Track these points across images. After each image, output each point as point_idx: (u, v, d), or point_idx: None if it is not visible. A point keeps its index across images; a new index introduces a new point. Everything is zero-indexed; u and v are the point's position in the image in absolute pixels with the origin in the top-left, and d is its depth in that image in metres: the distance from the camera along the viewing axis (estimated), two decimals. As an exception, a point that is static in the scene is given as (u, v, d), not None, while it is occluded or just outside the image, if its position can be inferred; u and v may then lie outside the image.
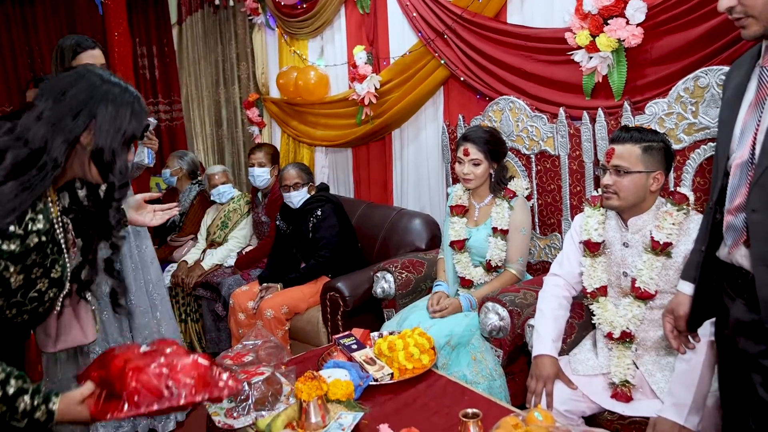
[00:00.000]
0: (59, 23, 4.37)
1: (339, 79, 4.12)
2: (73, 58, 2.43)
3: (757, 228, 1.30)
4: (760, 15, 1.28)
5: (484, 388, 2.20)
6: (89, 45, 2.46)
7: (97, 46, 2.49)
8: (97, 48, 2.48)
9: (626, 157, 1.89)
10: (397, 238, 3.33)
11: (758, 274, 1.31)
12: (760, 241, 1.30)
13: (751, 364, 1.39)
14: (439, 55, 3.17)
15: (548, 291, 2.15)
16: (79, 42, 2.46)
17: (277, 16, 4.47)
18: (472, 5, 2.94)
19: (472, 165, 2.54)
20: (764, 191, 1.28)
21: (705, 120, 2.14)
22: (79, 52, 2.43)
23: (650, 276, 1.90)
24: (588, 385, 1.97)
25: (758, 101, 1.34)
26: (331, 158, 4.47)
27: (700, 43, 2.18)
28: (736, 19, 1.33)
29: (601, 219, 2.07)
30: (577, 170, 2.61)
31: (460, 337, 2.37)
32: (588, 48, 2.42)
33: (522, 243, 2.56)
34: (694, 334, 1.67)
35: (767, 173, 1.27)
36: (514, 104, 2.79)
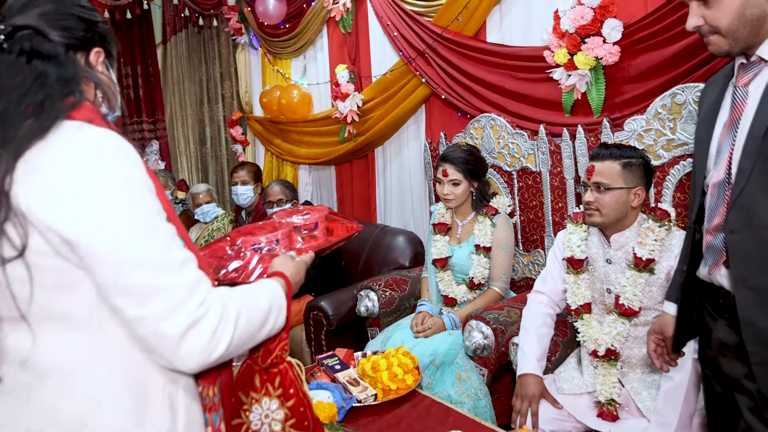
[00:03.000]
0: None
1: (322, 98, 4.13)
2: None
3: (736, 249, 1.29)
4: (726, 33, 1.29)
5: (469, 408, 2.18)
6: None
7: None
8: None
9: (606, 173, 1.90)
10: (381, 256, 3.31)
11: (739, 295, 1.30)
12: (739, 261, 1.29)
13: (736, 386, 1.38)
14: (421, 73, 3.19)
15: (532, 309, 2.14)
16: None
17: (260, 36, 4.49)
18: (452, 25, 2.97)
19: (451, 185, 2.54)
20: (742, 212, 1.27)
21: (683, 136, 2.16)
22: None
23: (634, 293, 1.89)
24: (573, 404, 1.95)
25: (732, 121, 1.34)
26: (314, 176, 4.47)
27: (676, 60, 2.20)
28: (704, 37, 1.34)
29: (584, 236, 2.07)
30: (558, 187, 2.62)
31: (444, 356, 2.35)
32: (566, 66, 2.45)
33: (505, 260, 2.55)
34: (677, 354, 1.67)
35: (744, 194, 1.27)
36: (495, 121, 2.81)
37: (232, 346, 0.95)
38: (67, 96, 0.88)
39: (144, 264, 0.87)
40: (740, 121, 1.31)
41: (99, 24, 1.00)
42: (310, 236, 1.35)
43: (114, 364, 0.92)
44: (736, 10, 1.26)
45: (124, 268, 0.86)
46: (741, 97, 1.33)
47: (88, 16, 0.98)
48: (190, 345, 0.89)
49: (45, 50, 0.90)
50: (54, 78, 0.88)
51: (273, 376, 1.22)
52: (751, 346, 1.27)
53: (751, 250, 1.26)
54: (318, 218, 1.39)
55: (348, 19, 3.68)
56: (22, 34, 0.90)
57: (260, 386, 1.22)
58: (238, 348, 0.98)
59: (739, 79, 1.35)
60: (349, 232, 1.46)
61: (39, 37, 0.91)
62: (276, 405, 1.21)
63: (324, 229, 1.40)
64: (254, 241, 1.31)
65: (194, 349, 0.90)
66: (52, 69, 0.88)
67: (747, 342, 1.28)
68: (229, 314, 0.95)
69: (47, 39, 0.91)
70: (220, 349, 0.92)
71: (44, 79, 0.87)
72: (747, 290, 1.28)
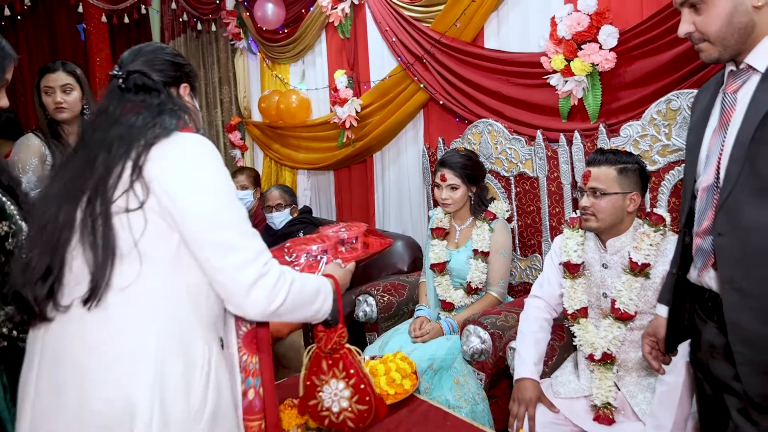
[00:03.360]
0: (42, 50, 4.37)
1: (320, 103, 4.15)
2: (38, 83, 2.50)
3: (724, 251, 1.32)
4: (714, 40, 1.33)
5: (467, 413, 2.19)
6: (51, 68, 2.50)
7: (61, 69, 2.49)
8: (60, 71, 2.49)
9: (602, 179, 1.92)
10: (379, 261, 3.32)
11: (726, 296, 1.32)
12: (726, 264, 1.32)
13: (725, 388, 1.40)
14: (419, 79, 3.21)
15: (529, 313, 2.16)
16: (44, 66, 2.52)
17: (258, 40, 4.51)
18: (450, 30, 2.99)
19: (450, 190, 2.56)
20: (729, 215, 1.30)
21: (678, 142, 2.18)
22: (41, 75, 2.49)
23: (629, 297, 1.91)
24: (570, 408, 1.97)
25: (721, 126, 1.37)
26: (313, 181, 4.48)
27: (671, 67, 2.22)
28: (695, 44, 1.38)
29: (580, 240, 2.08)
30: (555, 192, 2.63)
31: (442, 361, 2.36)
32: (563, 72, 2.47)
33: (503, 265, 2.57)
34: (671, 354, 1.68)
35: (732, 197, 1.29)
36: (493, 127, 2.82)
37: (287, 304, 1.24)
38: (178, 118, 1.25)
39: (231, 226, 1.20)
40: (728, 126, 1.34)
41: (185, 66, 1.40)
42: (352, 248, 1.63)
43: (173, 306, 1.20)
44: (725, 17, 1.29)
45: (216, 226, 1.18)
46: (730, 104, 1.36)
47: (177, 61, 1.38)
48: (257, 293, 1.19)
49: (149, 85, 1.30)
50: (168, 106, 1.27)
51: (336, 361, 1.53)
52: (737, 347, 1.30)
53: (738, 253, 1.29)
54: (358, 233, 1.68)
55: (346, 24, 3.70)
56: (133, 76, 1.30)
57: (327, 370, 1.54)
58: (291, 309, 1.27)
59: (728, 86, 1.38)
60: (383, 246, 1.76)
61: (145, 77, 1.30)
62: (342, 385, 1.53)
63: (362, 243, 1.67)
64: (307, 250, 1.58)
65: (259, 297, 1.20)
66: (163, 99, 1.28)
67: (733, 343, 1.31)
68: (286, 278, 1.25)
69: (150, 78, 1.30)
70: (277, 301, 1.22)
71: (162, 106, 1.26)
72: (733, 292, 1.30)
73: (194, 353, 1.20)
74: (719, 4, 1.30)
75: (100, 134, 1.23)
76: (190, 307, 1.21)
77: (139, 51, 1.36)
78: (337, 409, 1.54)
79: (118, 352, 1.15)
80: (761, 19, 1.29)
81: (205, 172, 1.21)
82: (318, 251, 1.57)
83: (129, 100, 1.27)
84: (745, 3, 1.28)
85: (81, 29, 4.44)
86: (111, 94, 1.30)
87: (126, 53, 1.36)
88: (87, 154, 1.21)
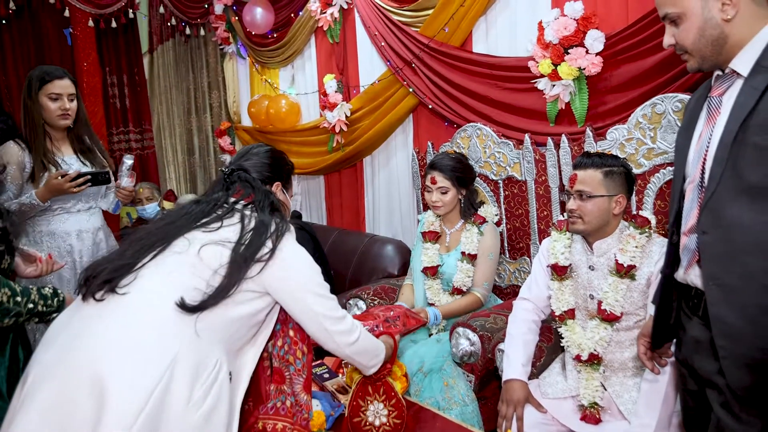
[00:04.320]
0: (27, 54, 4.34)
1: (310, 107, 4.16)
2: (41, 87, 2.44)
3: (707, 248, 1.36)
4: (692, 52, 1.42)
5: (457, 414, 2.20)
6: (57, 75, 2.47)
7: (67, 76, 2.49)
8: (66, 78, 2.49)
9: (588, 182, 1.94)
10: (370, 265, 3.33)
11: (709, 292, 1.36)
12: (709, 260, 1.36)
13: (708, 383, 1.43)
14: (408, 83, 3.23)
15: (517, 315, 2.18)
16: (47, 72, 2.47)
17: (248, 45, 4.51)
18: (438, 35, 3.01)
19: (440, 193, 2.57)
20: (712, 214, 1.34)
21: (663, 145, 2.21)
22: (46, 81, 2.45)
23: (615, 298, 1.93)
24: (557, 408, 1.98)
25: (707, 128, 1.42)
26: (303, 185, 4.49)
27: (656, 71, 2.25)
28: (680, 54, 1.47)
29: (568, 243, 2.11)
30: (543, 195, 2.66)
31: (432, 364, 2.37)
32: (550, 76, 2.49)
33: (488, 268, 2.58)
34: (663, 352, 1.71)
35: (714, 197, 1.33)
36: (482, 131, 2.85)
37: (359, 342, 1.68)
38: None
39: (333, 304, 1.63)
40: (713, 128, 1.39)
41: (281, 168, 1.79)
42: (394, 324, 2.08)
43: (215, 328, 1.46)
44: (697, 30, 1.39)
45: (329, 306, 1.61)
46: (715, 107, 1.41)
47: (274, 164, 1.76)
48: (347, 336, 1.65)
49: (250, 180, 1.67)
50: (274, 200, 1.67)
51: (378, 387, 1.90)
52: (720, 341, 1.33)
53: (720, 250, 1.33)
54: (400, 313, 2.18)
55: (336, 29, 3.71)
56: (238, 173, 1.68)
57: (372, 393, 1.91)
58: (360, 347, 1.69)
59: (714, 90, 1.43)
60: (417, 323, 2.23)
61: (246, 174, 1.68)
62: (382, 406, 1.90)
63: (403, 322, 2.14)
64: (368, 325, 1.99)
65: (346, 337, 1.65)
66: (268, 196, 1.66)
67: (716, 337, 1.34)
68: (361, 328, 1.72)
69: (250, 175, 1.68)
70: (353, 336, 1.66)
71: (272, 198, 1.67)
72: (716, 287, 1.34)
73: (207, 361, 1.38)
74: (690, 19, 1.39)
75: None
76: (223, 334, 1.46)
77: (247, 152, 1.76)
78: (378, 423, 1.89)
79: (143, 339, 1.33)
80: (733, 29, 1.35)
81: (309, 262, 1.62)
82: (375, 328, 2.02)
83: (240, 189, 1.65)
84: (714, 17, 1.36)
85: (68, 34, 4.41)
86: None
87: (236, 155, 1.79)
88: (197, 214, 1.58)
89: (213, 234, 1.49)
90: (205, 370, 1.36)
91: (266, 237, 1.51)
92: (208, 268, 1.45)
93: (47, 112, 2.46)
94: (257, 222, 1.53)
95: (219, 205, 1.58)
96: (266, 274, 1.49)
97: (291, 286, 1.55)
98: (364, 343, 1.71)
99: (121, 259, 1.44)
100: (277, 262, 1.51)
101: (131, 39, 4.87)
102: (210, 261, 1.45)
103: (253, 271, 1.48)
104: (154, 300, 1.38)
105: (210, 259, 1.45)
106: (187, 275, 1.43)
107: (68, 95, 2.48)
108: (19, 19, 4.20)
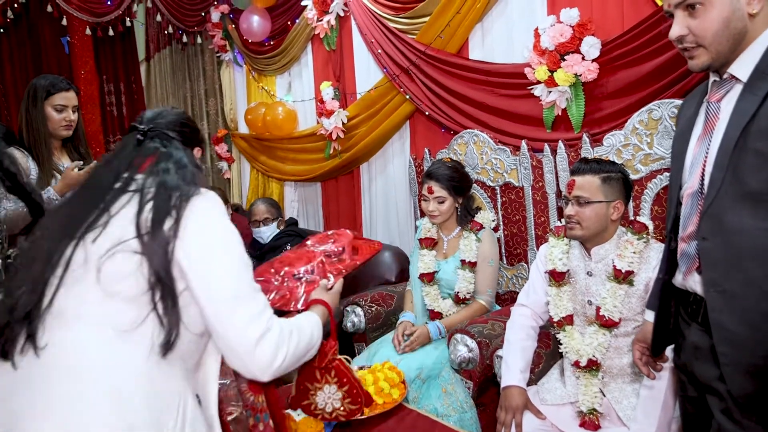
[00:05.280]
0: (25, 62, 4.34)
1: (307, 115, 4.17)
2: (46, 98, 2.46)
3: (708, 255, 1.35)
4: (709, 45, 1.33)
5: (455, 421, 2.20)
6: (63, 86, 2.49)
7: (72, 88, 2.52)
8: (72, 90, 2.52)
9: (586, 187, 1.94)
10: (367, 272, 3.32)
11: (709, 298, 1.35)
12: (710, 267, 1.35)
13: (708, 389, 1.42)
14: (404, 90, 3.23)
15: (515, 321, 2.17)
16: (53, 83, 2.49)
17: (244, 53, 4.52)
18: (435, 42, 3.02)
19: (437, 203, 2.57)
20: (713, 220, 1.33)
21: (660, 151, 2.22)
22: (52, 92, 2.47)
23: (614, 304, 1.93)
24: (556, 414, 1.98)
25: (705, 134, 1.40)
26: (300, 192, 4.49)
27: (652, 77, 2.26)
28: (686, 49, 1.38)
29: (565, 249, 2.11)
30: (540, 201, 2.66)
31: (430, 370, 2.37)
32: (547, 83, 2.50)
33: (490, 274, 2.58)
34: (660, 357, 1.71)
35: (715, 203, 1.32)
36: (478, 137, 2.85)
37: (287, 360, 1.25)
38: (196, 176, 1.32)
39: (241, 280, 1.22)
40: (713, 134, 1.37)
41: (197, 131, 1.49)
42: (339, 260, 1.65)
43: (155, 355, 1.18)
44: (723, 21, 1.30)
45: (228, 280, 1.20)
46: (713, 112, 1.39)
47: (193, 127, 1.47)
48: (262, 351, 1.19)
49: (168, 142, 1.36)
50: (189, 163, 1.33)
51: (329, 370, 1.62)
52: (721, 347, 1.32)
53: (721, 256, 1.32)
54: (345, 243, 1.68)
55: (332, 36, 3.72)
56: (156, 132, 1.36)
57: (320, 378, 1.63)
58: (292, 363, 1.27)
59: (711, 95, 1.41)
60: (372, 251, 1.76)
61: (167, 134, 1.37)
62: (335, 389, 1.64)
63: (350, 251, 1.69)
64: (295, 271, 1.61)
65: (264, 355, 1.20)
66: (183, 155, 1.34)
67: (717, 343, 1.33)
68: (284, 332, 1.25)
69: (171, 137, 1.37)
70: (279, 358, 1.22)
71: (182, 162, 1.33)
72: (717, 294, 1.33)
73: (169, 402, 1.17)
74: (718, 7, 1.29)
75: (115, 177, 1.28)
76: (175, 355, 1.19)
77: (160, 111, 1.44)
78: (330, 409, 1.67)
79: (97, 390, 1.10)
80: (753, 26, 1.30)
81: (219, 229, 1.24)
82: (304, 272, 1.61)
83: (154, 150, 1.33)
84: (742, 9, 1.29)
85: (65, 42, 4.42)
86: (128, 143, 1.37)
87: (148, 112, 1.45)
88: (93, 196, 1.26)
89: (104, 238, 1.17)
90: (170, 415, 1.15)
91: (169, 207, 1.21)
92: (125, 287, 1.16)
93: (51, 122, 2.48)
94: (156, 190, 1.23)
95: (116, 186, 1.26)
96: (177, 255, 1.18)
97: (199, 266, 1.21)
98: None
99: (27, 295, 1.16)
100: (185, 238, 1.19)
101: (128, 47, 4.87)
102: (122, 277, 1.16)
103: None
104: (88, 352, 1.14)
105: (120, 276, 1.16)
106: (113, 311, 1.16)
107: (73, 107, 2.52)
108: (17, 27, 4.20)
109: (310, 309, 1.52)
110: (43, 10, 4.14)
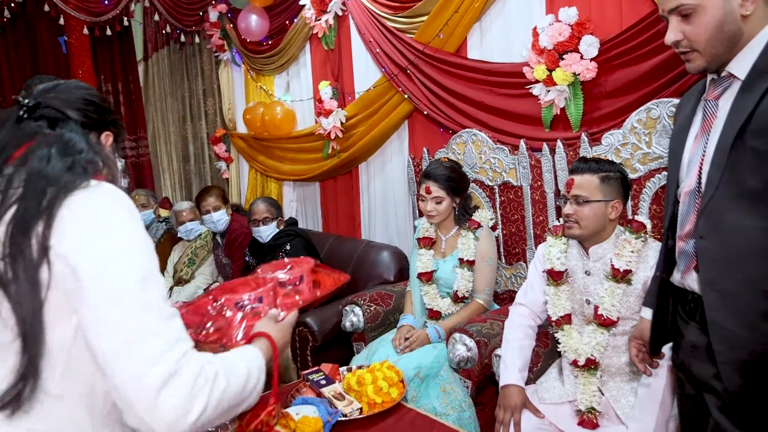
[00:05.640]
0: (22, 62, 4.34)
1: (305, 114, 4.16)
2: None
3: (705, 253, 1.35)
4: (703, 50, 1.33)
5: (454, 420, 2.20)
6: None
7: None
8: None
9: (585, 186, 1.94)
10: (366, 271, 3.33)
11: (707, 297, 1.36)
12: (707, 265, 1.35)
13: (706, 387, 1.42)
14: (403, 89, 3.23)
15: (514, 321, 2.17)
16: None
17: (243, 52, 4.52)
18: (433, 41, 3.02)
19: (434, 203, 2.58)
20: (710, 219, 1.33)
21: (658, 150, 2.22)
22: None
23: (612, 303, 1.93)
24: (555, 413, 1.98)
25: (703, 132, 1.40)
26: (299, 192, 4.48)
27: (651, 76, 2.26)
28: (682, 53, 1.38)
29: (563, 248, 2.11)
30: (539, 200, 2.66)
31: (429, 369, 2.37)
32: (545, 82, 2.50)
33: (488, 273, 2.59)
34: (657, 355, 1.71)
35: (713, 202, 1.32)
36: (477, 137, 2.85)
37: (208, 413, 0.92)
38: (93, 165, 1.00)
39: (136, 310, 0.90)
40: (710, 133, 1.37)
41: (108, 111, 1.15)
42: (296, 291, 1.34)
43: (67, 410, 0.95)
44: (716, 25, 1.30)
45: (117, 310, 0.89)
46: (711, 111, 1.39)
47: (104, 105, 1.14)
48: (166, 402, 0.87)
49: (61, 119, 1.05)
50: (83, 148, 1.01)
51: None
52: (717, 345, 1.33)
53: (718, 255, 1.32)
54: (303, 271, 1.37)
55: (330, 35, 3.72)
56: (46, 108, 1.04)
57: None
58: (217, 416, 0.95)
59: (709, 94, 1.41)
60: (336, 284, 1.45)
61: (58, 112, 1.05)
62: None
63: (310, 283, 1.37)
64: (237, 299, 1.30)
65: (168, 408, 0.88)
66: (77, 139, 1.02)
67: (713, 341, 1.33)
68: (204, 376, 0.93)
69: (64, 114, 1.05)
70: (195, 412, 0.90)
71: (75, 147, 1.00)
72: (714, 292, 1.34)
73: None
74: (710, 12, 1.29)
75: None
76: (86, 412, 0.96)
77: (56, 84, 1.10)
78: None
79: None
80: (747, 27, 1.30)
81: (109, 234, 0.92)
82: (248, 301, 1.30)
83: (34, 132, 1.01)
84: (734, 11, 1.29)
85: (62, 42, 4.43)
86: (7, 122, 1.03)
87: (40, 85, 1.11)
88: None
89: None
90: None
91: (39, 209, 0.90)
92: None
93: None
94: (24, 188, 0.93)
95: None
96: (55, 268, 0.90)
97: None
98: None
99: None
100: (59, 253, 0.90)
101: (126, 47, 4.88)
102: None
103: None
104: None
105: None
106: None
107: None
108: (14, 26, 4.21)
109: (252, 343, 1.19)
110: (41, 9, 4.14)
